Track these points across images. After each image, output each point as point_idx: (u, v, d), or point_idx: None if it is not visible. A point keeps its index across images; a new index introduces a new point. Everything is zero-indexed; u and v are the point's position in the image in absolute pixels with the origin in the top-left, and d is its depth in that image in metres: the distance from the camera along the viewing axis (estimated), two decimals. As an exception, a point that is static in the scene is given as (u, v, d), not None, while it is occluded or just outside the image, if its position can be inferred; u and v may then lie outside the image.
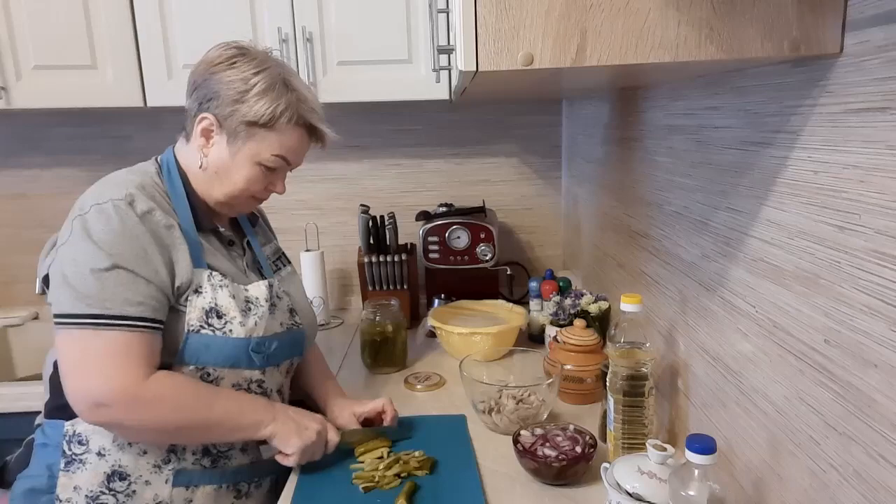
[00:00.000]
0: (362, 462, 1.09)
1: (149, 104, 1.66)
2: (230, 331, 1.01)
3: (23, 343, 1.97)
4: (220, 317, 1.00)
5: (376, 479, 1.03)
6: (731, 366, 0.92)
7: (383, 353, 1.53)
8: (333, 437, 1.08)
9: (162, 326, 0.97)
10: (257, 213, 1.26)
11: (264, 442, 1.04)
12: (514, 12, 0.66)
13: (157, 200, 0.99)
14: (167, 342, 0.98)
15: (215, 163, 1.04)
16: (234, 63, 1.01)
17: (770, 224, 0.81)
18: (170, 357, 0.99)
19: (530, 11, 0.66)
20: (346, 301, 2.15)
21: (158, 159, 1.09)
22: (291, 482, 1.06)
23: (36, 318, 2.02)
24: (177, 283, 0.98)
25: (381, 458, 1.09)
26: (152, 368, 0.94)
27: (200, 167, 1.04)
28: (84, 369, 0.92)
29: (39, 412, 1.09)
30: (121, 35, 1.62)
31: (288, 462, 1.03)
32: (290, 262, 1.29)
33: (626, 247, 1.43)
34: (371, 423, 1.20)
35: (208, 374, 1.01)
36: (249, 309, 1.04)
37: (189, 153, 1.06)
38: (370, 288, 1.84)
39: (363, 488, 1.02)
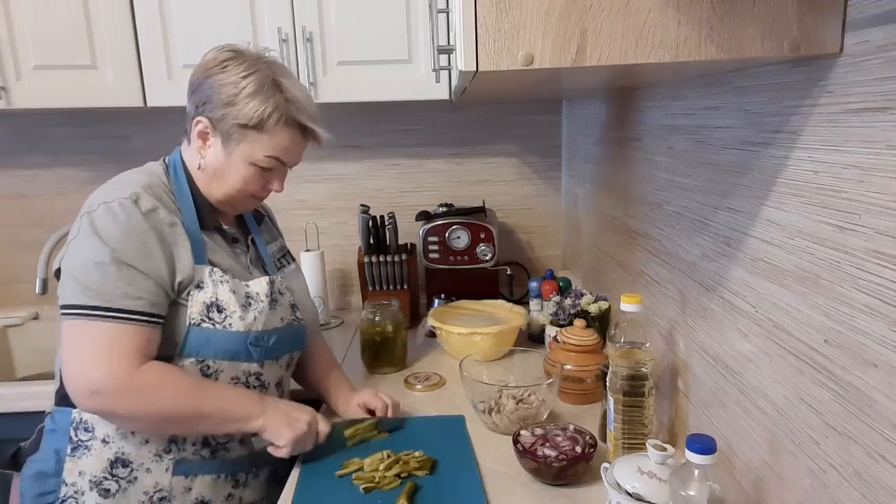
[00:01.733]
0: (361, 467, 1.09)
1: (149, 104, 1.66)
2: (230, 324, 1.04)
3: (23, 343, 1.97)
4: (220, 311, 1.04)
5: (376, 479, 1.03)
6: (731, 366, 0.92)
7: (383, 353, 1.53)
8: (324, 428, 1.09)
9: (160, 321, 0.99)
10: (264, 212, 1.30)
11: (256, 434, 1.05)
12: (514, 12, 0.66)
13: (162, 199, 1.02)
14: (169, 335, 1.02)
15: (212, 164, 1.07)
16: (226, 66, 1.03)
17: (770, 224, 0.81)
18: (171, 349, 1.02)
19: (530, 11, 0.66)
20: (346, 301, 2.15)
21: (166, 160, 1.13)
22: (292, 480, 1.06)
23: (36, 318, 2.02)
24: (178, 279, 1.01)
25: (381, 458, 1.09)
26: (146, 359, 0.97)
27: (199, 168, 1.08)
28: (81, 358, 0.95)
29: (40, 412, 1.11)
30: (121, 35, 1.62)
31: (280, 454, 1.05)
32: (294, 260, 1.31)
33: (626, 247, 1.43)
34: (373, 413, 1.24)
35: (208, 367, 1.04)
36: (249, 304, 1.07)
37: (190, 154, 1.10)
38: (370, 288, 1.84)
39: (363, 489, 1.02)
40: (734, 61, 0.72)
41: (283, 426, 1.03)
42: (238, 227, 1.20)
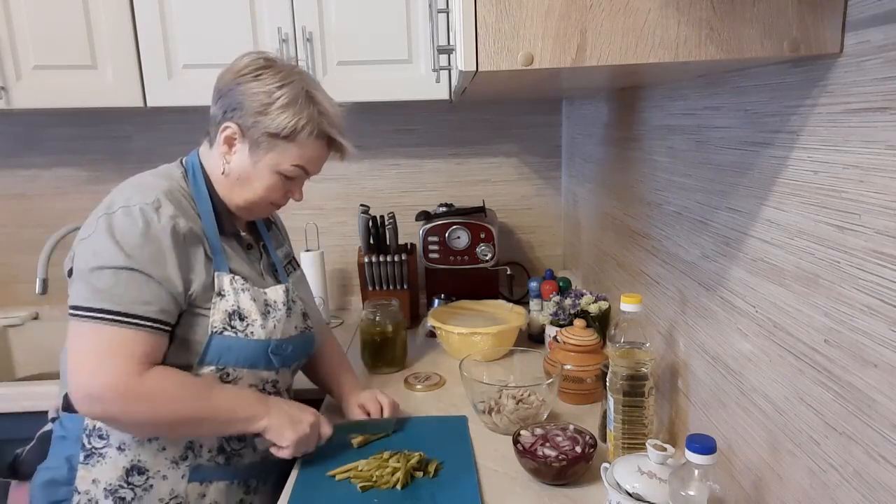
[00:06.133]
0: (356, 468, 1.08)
1: (149, 104, 1.66)
2: (251, 333, 1.05)
3: (23, 343, 1.97)
4: (242, 319, 1.04)
5: (374, 478, 1.03)
6: (731, 366, 0.92)
7: (383, 353, 1.53)
8: (326, 430, 1.10)
9: (167, 329, 0.98)
10: (273, 218, 1.32)
11: (259, 435, 1.05)
12: (514, 12, 0.66)
13: (182, 206, 1.02)
14: (190, 344, 1.02)
15: (237, 170, 1.07)
16: (260, 75, 1.03)
17: (770, 224, 0.81)
18: (191, 357, 1.02)
19: (530, 11, 0.66)
20: (346, 301, 2.15)
21: (184, 162, 1.12)
22: (291, 479, 1.06)
23: (36, 318, 2.02)
24: (191, 290, 1.00)
25: (378, 459, 1.09)
26: (150, 366, 0.96)
27: (223, 173, 1.08)
28: (85, 361, 0.93)
29: (40, 412, 1.10)
30: (121, 35, 1.62)
31: (282, 454, 1.04)
32: (299, 266, 1.33)
33: (626, 247, 1.43)
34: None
35: (228, 374, 1.04)
36: (269, 312, 1.08)
37: (212, 158, 1.09)
38: (370, 288, 1.84)
39: (361, 487, 1.02)
40: (734, 61, 0.72)
41: (286, 427, 1.03)
42: (250, 232, 1.20)
